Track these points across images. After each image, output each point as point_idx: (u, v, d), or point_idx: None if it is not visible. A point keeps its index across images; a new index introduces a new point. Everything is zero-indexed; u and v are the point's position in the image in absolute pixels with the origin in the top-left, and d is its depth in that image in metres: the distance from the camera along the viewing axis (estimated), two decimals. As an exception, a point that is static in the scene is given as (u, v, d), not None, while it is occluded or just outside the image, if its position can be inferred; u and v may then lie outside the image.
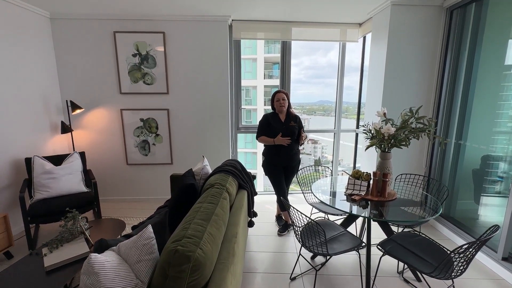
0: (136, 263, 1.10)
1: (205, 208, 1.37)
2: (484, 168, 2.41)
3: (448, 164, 2.70)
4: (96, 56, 3.13)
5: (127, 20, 3.07)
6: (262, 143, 2.66)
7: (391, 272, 2.09)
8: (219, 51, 3.18)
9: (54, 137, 3.11)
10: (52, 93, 3.08)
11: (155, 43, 3.12)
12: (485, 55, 2.36)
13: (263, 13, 3.04)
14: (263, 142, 2.64)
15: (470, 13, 2.44)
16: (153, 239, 1.17)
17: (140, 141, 3.35)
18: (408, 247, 1.71)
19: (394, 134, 1.85)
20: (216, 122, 3.35)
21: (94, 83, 3.19)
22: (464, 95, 2.52)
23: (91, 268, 0.96)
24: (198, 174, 2.22)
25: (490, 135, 2.36)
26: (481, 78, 2.40)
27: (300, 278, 2.03)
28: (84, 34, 3.07)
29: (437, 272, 1.43)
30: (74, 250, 1.72)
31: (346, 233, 1.90)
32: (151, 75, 3.19)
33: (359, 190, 1.98)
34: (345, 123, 3.79)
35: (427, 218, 1.72)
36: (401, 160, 2.87)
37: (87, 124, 3.29)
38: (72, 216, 1.90)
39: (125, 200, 3.49)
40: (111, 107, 3.26)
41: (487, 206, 2.43)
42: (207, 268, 1.04)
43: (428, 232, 2.67)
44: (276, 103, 2.57)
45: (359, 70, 3.62)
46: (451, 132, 2.65)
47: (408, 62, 2.73)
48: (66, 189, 2.55)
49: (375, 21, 2.92)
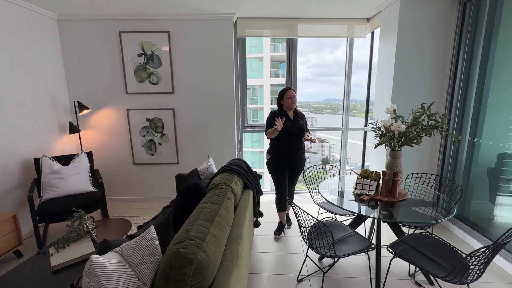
0: (138, 265, 1.08)
1: (209, 209, 1.34)
2: (500, 167, 2.30)
3: (461, 163, 2.59)
4: (102, 56, 3.15)
5: (132, 20, 3.07)
6: (270, 137, 2.48)
7: (402, 275, 2.01)
8: (224, 50, 3.15)
9: (63, 138, 3.15)
10: (60, 94, 3.12)
11: (160, 42, 3.12)
12: (501, 49, 2.25)
13: (268, 10, 2.99)
14: (270, 136, 2.45)
15: (485, 4, 2.32)
16: (155, 240, 1.15)
17: (146, 140, 3.36)
18: (420, 249, 1.64)
19: (405, 132, 1.78)
20: (222, 121, 3.33)
21: (101, 83, 3.21)
22: (479, 90, 2.41)
23: (92, 270, 0.95)
24: (203, 174, 2.19)
25: (507, 132, 2.24)
26: (498, 72, 2.28)
27: (307, 280, 1.98)
28: (90, 35, 3.10)
29: (452, 276, 1.36)
30: (80, 250, 1.72)
31: (354, 234, 1.84)
32: (157, 74, 3.19)
33: (368, 190, 1.92)
34: (353, 121, 3.70)
35: (440, 219, 1.65)
36: (411, 158, 2.77)
37: (95, 124, 3.32)
38: (78, 215, 1.91)
39: (132, 200, 3.52)
40: (118, 107, 3.27)
41: (503, 206, 2.32)
42: (210, 271, 1.01)
43: (441, 234, 2.58)
44: (287, 100, 2.45)
45: (367, 67, 3.53)
46: (465, 129, 2.55)
47: (419, 57, 2.63)
48: (74, 189, 2.57)
49: (384, 16, 2.83)
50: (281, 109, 2.54)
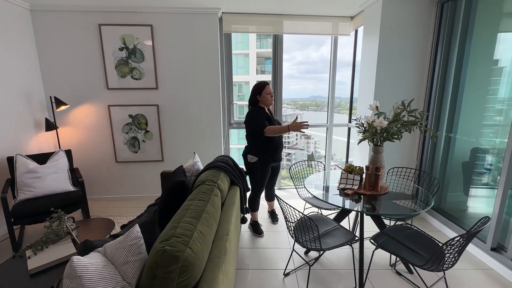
0: (122, 265, 1.05)
1: (196, 206, 1.33)
2: (473, 161, 2.44)
3: (439, 157, 2.73)
4: (80, 50, 3.00)
5: (113, 13, 2.95)
6: (272, 135, 2.27)
7: (384, 265, 2.10)
8: (210, 45, 3.10)
9: (39, 135, 2.99)
10: (35, 89, 2.95)
11: (143, 36, 3.02)
12: (475, 49, 2.37)
13: (253, 6, 2.97)
14: (274, 134, 2.26)
15: (461, 6, 2.43)
16: (140, 239, 1.12)
17: (129, 138, 3.26)
18: (400, 240, 1.71)
19: (387, 128, 1.84)
20: (208, 118, 3.29)
21: (80, 78, 3.07)
22: (455, 88, 2.54)
23: (73, 272, 0.91)
24: (189, 171, 2.17)
25: (479, 128, 2.38)
26: (471, 72, 2.41)
27: (294, 274, 2.02)
28: (67, 27, 2.94)
29: (429, 265, 1.44)
30: (60, 251, 1.65)
31: (339, 228, 1.89)
32: (139, 69, 3.09)
33: (351, 184, 1.97)
34: (338, 118, 3.78)
35: (419, 211, 1.73)
36: (393, 153, 2.88)
37: (73, 121, 3.17)
38: (57, 216, 1.83)
39: (115, 199, 3.41)
40: (98, 103, 3.15)
41: (475, 197, 2.47)
42: (197, 268, 1.00)
43: (420, 225, 2.70)
44: (267, 96, 2.32)
45: (351, 64, 3.61)
46: (442, 125, 2.67)
47: (400, 55, 2.72)
48: (52, 189, 2.46)
49: (367, 14, 2.89)
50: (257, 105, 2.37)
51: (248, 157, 2.43)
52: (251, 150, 2.43)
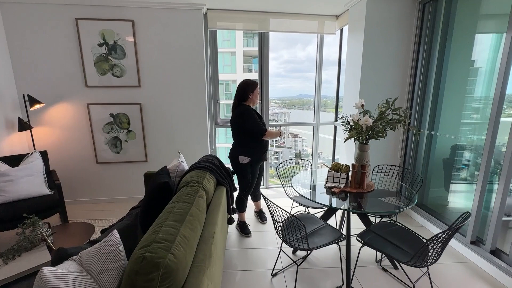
0: (99, 273, 0.99)
1: (179, 208, 1.28)
2: (453, 157, 2.52)
3: (421, 154, 2.80)
4: (56, 45, 2.84)
5: (91, 6, 2.80)
6: (270, 138, 2.39)
7: (370, 261, 2.13)
8: (194, 42, 3.02)
9: (11, 136, 2.81)
10: (6, 87, 2.76)
11: (124, 32, 2.89)
12: (454, 49, 2.44)
13: (238, 2, 2.92)
14: (271, 137, 2.38)
15: (441, 6, 2.50)
16: (119, 245, 1.06)
17: (110, 137, 3.12)
18: (385, 237, 1.74)
19: (372, 126, 1.86)
20: (193, 117, 3.21)
21: (56, 75, 2.90)
22: (436, 87, 2.61)
23: (43, 284, 0.84)
24: (173, 172, 2.10)
25: (458, 125, 2.46)
26: (451, 71, 2.48)
27: (282, 274, 2.00)
28: (40, 21, 2.77)
29: (414, 261, 1.46)
30: (34, 260, 1.56)
31: (326, 226, 1.90)
32: (121, 66, 2.97)
33: (338, 183, 1.98)
34: (324, 116, 3.81)
35: (403, 207, 1.76)
36: (378, 151, 2.93)
37: (49, 121, 3.00)
38: (31, 222, 1.72)
39: (96, 202, 3.27)
40: (76, 101, 2.99)
41: (455, 192, 2.56)
42: (180, 274, 0.95)
43: (404, 221, 2.77)
44: (258, 95, 2.38)
45: (337, 63, 3.63)
46: (424, 123, 2.74)
47: (384, 54, 2.76)
48: (26, 193, 2.31)
49: (352, 13, 2.91)
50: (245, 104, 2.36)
51: (240, 158, 2.38)
52: (243, 151, 2.39)
